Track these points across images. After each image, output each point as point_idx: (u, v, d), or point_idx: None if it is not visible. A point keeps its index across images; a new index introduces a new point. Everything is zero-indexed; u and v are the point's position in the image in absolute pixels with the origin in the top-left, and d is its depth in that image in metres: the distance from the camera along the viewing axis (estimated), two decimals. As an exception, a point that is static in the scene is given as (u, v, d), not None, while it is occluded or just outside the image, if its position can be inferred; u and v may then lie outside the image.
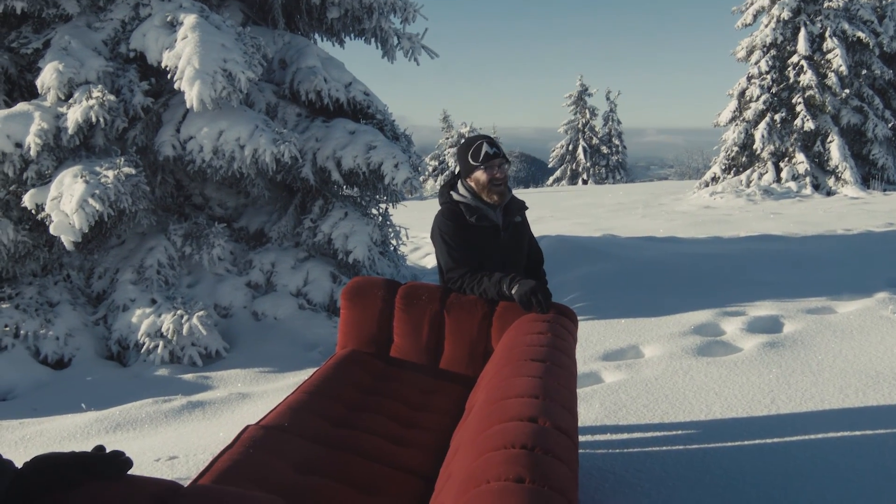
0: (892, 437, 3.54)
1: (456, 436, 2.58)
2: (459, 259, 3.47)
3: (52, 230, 6.38)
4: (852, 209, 14.67)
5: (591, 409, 4.09)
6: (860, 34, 18.89)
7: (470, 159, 3.53)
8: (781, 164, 19.78)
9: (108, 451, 1.64)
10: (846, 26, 18.92)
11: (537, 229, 3.75)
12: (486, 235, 3.54)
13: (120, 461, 1.64)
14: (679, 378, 4.50)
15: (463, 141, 3.67)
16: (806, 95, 19.15)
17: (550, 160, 46.08)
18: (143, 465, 3.74)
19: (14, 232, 6.74)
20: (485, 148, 3.47)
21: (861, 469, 3.21)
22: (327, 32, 9.46)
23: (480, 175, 3.50)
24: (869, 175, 19.45)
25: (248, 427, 2.59)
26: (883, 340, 5.04)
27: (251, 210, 8.44)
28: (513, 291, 3.19)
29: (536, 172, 61.02)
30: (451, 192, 3.62)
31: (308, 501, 2.22)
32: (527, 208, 3.78)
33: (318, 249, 7.93)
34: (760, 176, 19.92)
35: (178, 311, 6.62)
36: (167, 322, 6.54)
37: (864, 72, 19.48)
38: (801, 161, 19.29)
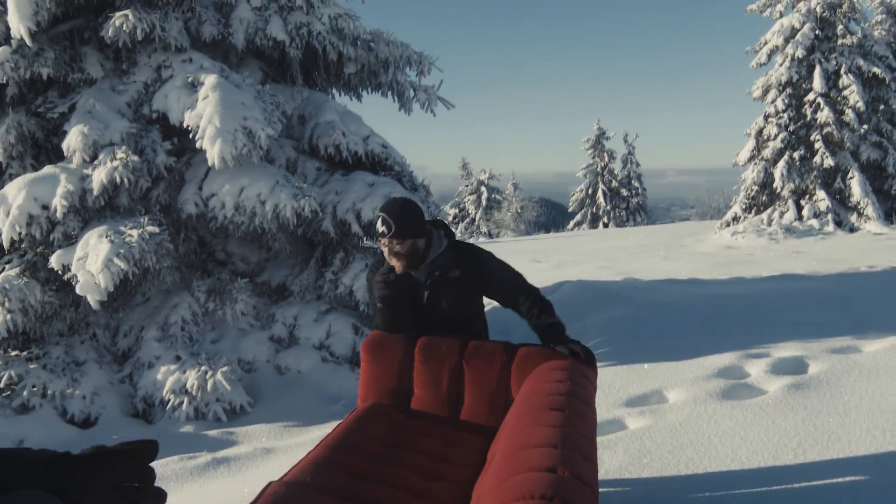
0: (922, 479, 3.49)
1: (477, 487, 2.58)
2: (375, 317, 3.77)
3: (78, 290, 6.48)
4: (876, 245, 14.55)
5: (614, 457, 4.06)
6: (876, 70, 18.92)
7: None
8: (802, 202, 19.69)
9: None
10: (861, 62, 18.97)
11: (558, 275, 3.76)
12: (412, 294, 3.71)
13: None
14: (704, 423, 4.47)
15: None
16: (824, 132, 19.13)
17: (570, 204, 46.17)
18: (169, 524, 3.75)
19: (41, 293, 6.85)
20: (377, 225, 3.60)
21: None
22: (344, 87, 9.64)
23: (381, 245, 3.66)
24: (891, 210, 19.32)
25: (270, 483, 2.61)
26: (910, 379, 4.98)
27: (273, 264, 8.53)
28: None
29: (557, 217, 61.04)
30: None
31: (331, 557, 2.23)
32: (460, 264, 3.69)
33: (339, 301, 7.98)
34: (781, 214, 19.83)
35: (203, 367, 6.67)
36: (192, 378, 6.58)
37: (882, 107, 19.46)
38: (822, 198, 19.21)
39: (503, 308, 3.86)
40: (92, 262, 6.43)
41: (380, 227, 3.57)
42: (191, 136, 7.13)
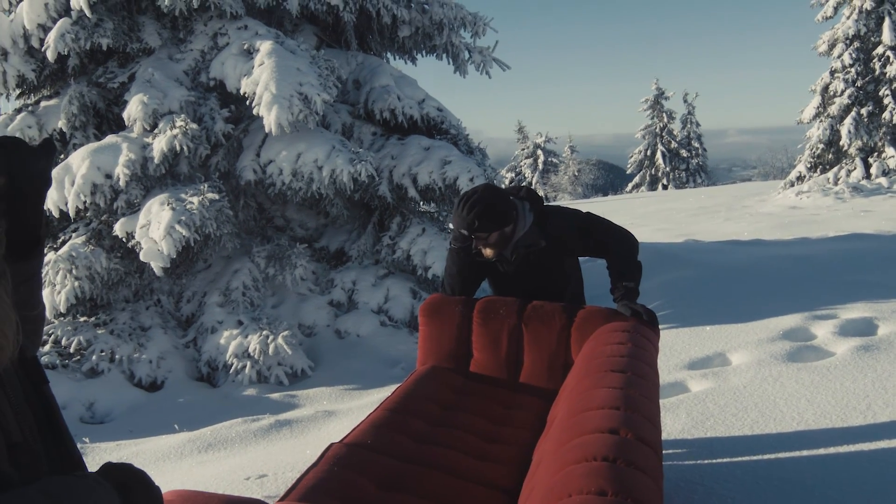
0: None
1: (538, 449, 2.56)
2: (445, 280, 3.77)
3: (142, 257, 6.62)
4: (949, 203, 14.05)
5: (677, 420, 4.00)
6: (949, 20, 18.14)
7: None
8: (870, 160, 19.07)
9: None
10: (933, 13, 18.21)
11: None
12: (492, 266, 3.64)
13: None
14: (768, 385, 4.37)
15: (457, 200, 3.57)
16: (893, 87, 18.44)
17: (629, 166, 45.45)
18: (234, 483, 3.82)
19: (107, 260, 7.02)
20: (455, 234, 3.49)
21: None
22: (399, 51, 9.58)
23: None
24: (964, 167, 18.61)
25: (331, 445, 2.63)
26: None
27: (331, 230, 8.59)
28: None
29: (615, 179, 60.27)
30: None
31: (392, 518, 2.24)
32: (548, 234, 3.54)
33: (397, 266, 8.01)
34: (848, 173, 19.24)
35: (264, 332, 6.77)
36: (254, 343, 6.69)
37: (955, 58, 18.67)
38: (891, 155, 18.57)
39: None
40: (154, 229, 6.55)
41: (457, 235, 3.46)
42: (248, 102, 7.18)
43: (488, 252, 3.49)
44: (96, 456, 4.95)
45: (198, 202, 6.75)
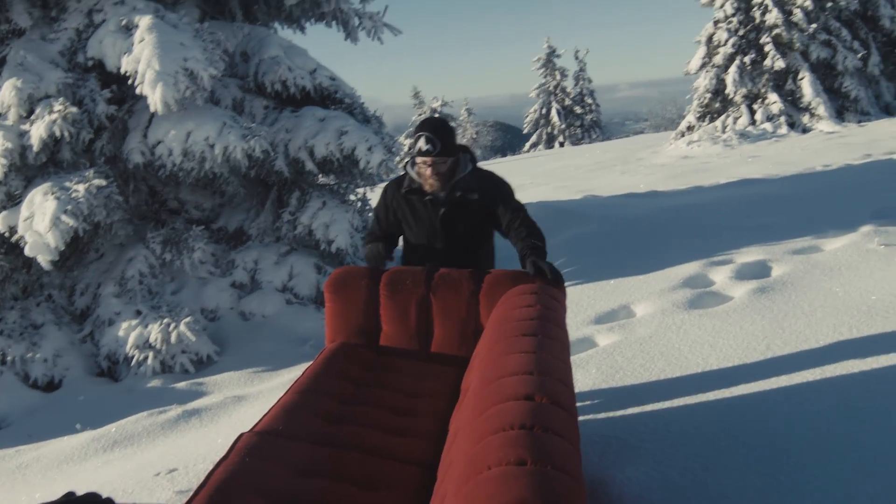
0: (891, 371, 3.53)
1: (454, 420, 2.54)
2: (371, 224, 3.92)
3: (27, 251, 6.29)
4: (829, 144, 14.68)
5: (587, 375, 4.06)
6: (822, -33, 18.82)
7: (413, 147, 3.59)
8: (755, 107, 19.73)
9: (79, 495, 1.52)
10: (807, -40, 18.84)
11: (518, 198, 3.69)
12: (422, 208, 3.66)
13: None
14: (672, 334, 4.48)
15: (417, 122, 3.66)
16: (773, 34, 19.07)
17: (525, 126, 45.86)
18: (143, 481, 3.69)
19: (-11, 257, 6.64)
20: (419, 143, 3.50)
21: (863, 406, 3.20)
22: (287, 20, 9.31)
23: (419, 164, 3.58)
24: (843, 108, 19.40)
25: (242, 435, 2.54)
26: (872, 274, 5.03)
27: (228, 209, 8.35)
28: None
29: (513, 140, 60.82)
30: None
31: (310, 504, 2.18)
32: (480, 188, 3.64)
33: (299, 242, 7.85)
34: (735, 120, 19.87)
35: (165, 320, 6.55)
36: (155, 332, 6.47)
37: (830, 4, 19.37)
38: (774, 101, 19.25)
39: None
40: (39, 221, 6.22)
41: (423, 146, 3.48)
42: (130, 82, 6.84)
43: (434, 184, 3.55)
44: (-6, 464, 4.72)
45: (84, 189, 6.43)
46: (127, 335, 6.57)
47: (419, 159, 3.53)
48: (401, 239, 3.87)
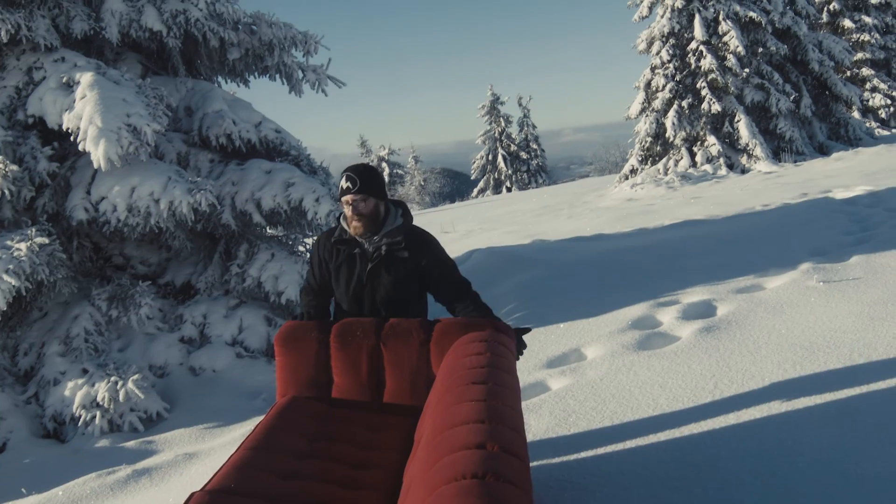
0: (832, 406, 3.62)
1: (407, 471, 2.54)
2: (306, 279, 3.89)
3: (-33, 313, 6.14)
4: (767, 184, 15.09)
5: (541, 420, 4.08)
6: (752, 14, 19.50)
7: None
8: (695, 149, 20.26)
9: None
10: (738, 8, 19.53)
11: (467, 244, 3.74)
12: (349, 260, 3.63)
13: None
14: (623, 375, 4.54)
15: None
16: (709, 79, 19.67)
17: (472, 172, 46.42)
18: (92, 546, 3.59)
19: (-73, 319, 6.46)
20: (342, 182, 3.51)
21: (807, 442, 3.28)
22: (230, 74, 9.33)
23: (343, 207, 3.59)
24: (779, 149, 20.03)
25: (193, 494, 2.50)
26: (812, 311, 5.17)
27: (175, 264, 8.25)
28: None
29: (461, 185, 61.33)
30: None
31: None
32: (410, 248, 3.58)
33: (248, 294, 7.79)
34: (676, 163, 20.37)
35: (112, 378, 6.41)
36: (102, 390, 6.32)
37: (761, 49, 20.10)
38: (713, 143, 19.80)
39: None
40: (-21, 281, 6.08)
41: (344, 184, 3.47)
42: (72, 138, 6.79)
43: (357, 225, 3.51)
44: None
45: (26, 248, 6.32)
46: (73, 395, 6.40)
47: (342, 200, 3.53)
48: None
